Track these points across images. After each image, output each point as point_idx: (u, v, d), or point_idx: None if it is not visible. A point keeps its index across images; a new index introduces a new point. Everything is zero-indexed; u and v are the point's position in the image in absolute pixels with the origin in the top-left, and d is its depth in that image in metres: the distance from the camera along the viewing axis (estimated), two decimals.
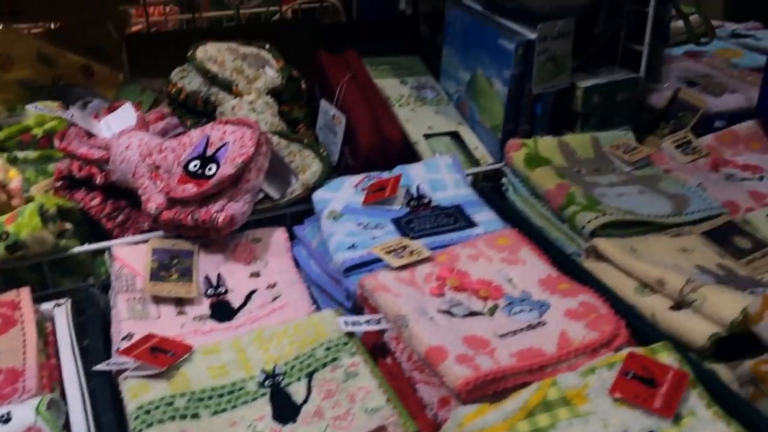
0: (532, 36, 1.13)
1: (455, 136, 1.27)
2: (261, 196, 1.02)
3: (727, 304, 0.74)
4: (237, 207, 0.94)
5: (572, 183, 1.00)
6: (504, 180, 1.12)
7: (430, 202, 1.00)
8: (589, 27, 1.24)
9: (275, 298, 0.90)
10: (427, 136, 1.25)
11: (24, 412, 0.67)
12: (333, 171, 1.09)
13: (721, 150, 1.16)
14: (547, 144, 1.10)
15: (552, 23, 1.13)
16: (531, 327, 0.75)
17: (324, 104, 1.18)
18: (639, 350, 0.68)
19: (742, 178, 1.09)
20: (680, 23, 1.87)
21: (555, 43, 1.14)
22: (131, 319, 0.85)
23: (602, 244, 0.89)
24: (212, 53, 1.11)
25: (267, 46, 1.18)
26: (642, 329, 0.78)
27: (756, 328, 0.71)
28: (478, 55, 1.24)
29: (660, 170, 1.09)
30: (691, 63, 1.54)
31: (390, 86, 1.32)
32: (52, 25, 1.42)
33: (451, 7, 1.32)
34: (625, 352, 0.68)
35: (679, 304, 0.79)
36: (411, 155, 1.20)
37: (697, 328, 0.75)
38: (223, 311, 0.89)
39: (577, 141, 1.12)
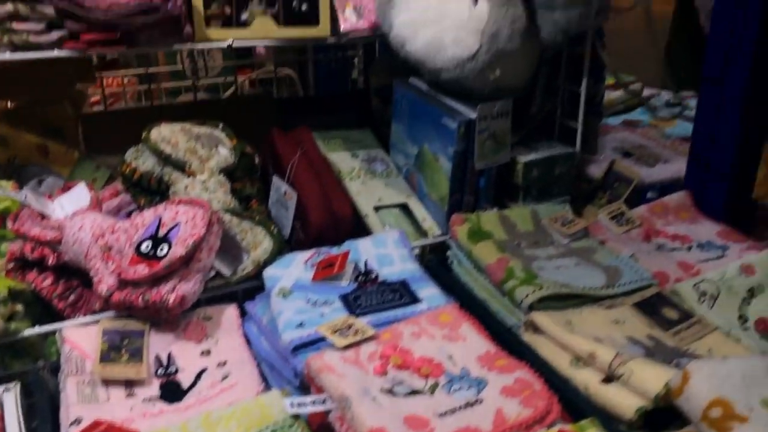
0: (473, 116, 1.20)
1: (404, 207, 1.32)
2: (212, 274, 1.05)
3: (652, 378, 0.79)
4: (188, 287, 0.96)
5: (512, 257, 1.06)
6: (449, 253, 1.17)
7: (377, 277, 1.04)
8: (527, 105, 1.32)
9: (225, 377, 0.92)
10: (377, 209, 1.29)
11: None
12: (284, 247, 1.12)
13: (653, 220, 1.23)
14: (488, 218, 1.16)
15: (491, 104, 1.20)
16: (469, 405, 0.78)
17: (276, 181, 1.22)
18: (568, 427, 0.72)
19: (671, 249, 1.16)
20: (619, 93, 1.99)
21: (495, 122, 1.21)
22: (80, 402, 0.86)
23: (539, 318, 0.93)
24: (166, 134, 1.15)
25: (220, 126, 1.23)
26: (576, 402, 0.82)
27: (677, 401, 0.75)
28: (423, 132, 1.30)
29: (596, 242, 1.15)
30: (627, 133, 1.63)
31: (341, 160, 1.37)
32: (8, 105, 1.44)
33: (399, 85, 1.39)
34: (555, 429, 0.72)
35: (609, 378, 0.84)
36: (361, 228, 1.25)
37: (625, 402, 0.79)
38: (172, 392, 0.90)
39: (517, 214, 1.18)
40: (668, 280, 1.07)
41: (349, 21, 1.27)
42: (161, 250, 0.98)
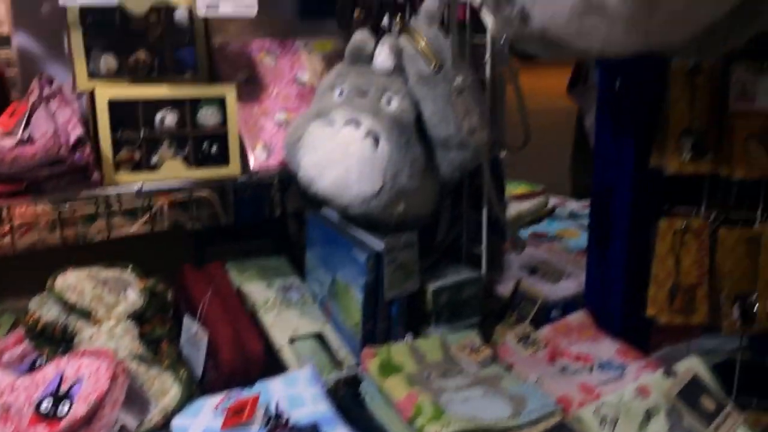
0: (381, 248, 1.25)
1: (320, 337, 1.33)
2: (117, 428, 1.02)
3: None
4: None
5: (421, 391, 1.08)
6: (362, 386, 1.18)
7: (287, 422, 1.03)
8: (434, 233, 1.38)
9: None
10: (292, 340, 1.30)
11: None
12: (194, 392, 1.11)
13: (558, 341, 1.29)
14: (399, 350, 1.18)
15: (397, 236, 1.25)
16: None
17: (187, 320, 1.22)
18: None
19: (574, 371, 1.20)
20: (527, 204, 2.10)
21: (402, 253, 1.26)
22: None
23: None
24: (71, 282, 1.14)
25: (130, 267, 1.23)
26: None
27: None
28: (335, 261, 1.34)
29: (503, 368, 1.19)
30: (534, 249, 1.71)
31: (256, 291, 1.39)
32: None
33: (311, 215, 1.43)
34: None
35: None
36: (276, 362, 1.25)
37: None
38: None
39: (427, 345, 1.21)
40: (572, 405, 1.10)
41: (259, 159, 1.32)
42: (62, 408, 0.96)
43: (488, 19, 1.12)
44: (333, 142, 1.22)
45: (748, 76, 1.13)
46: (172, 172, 1.25)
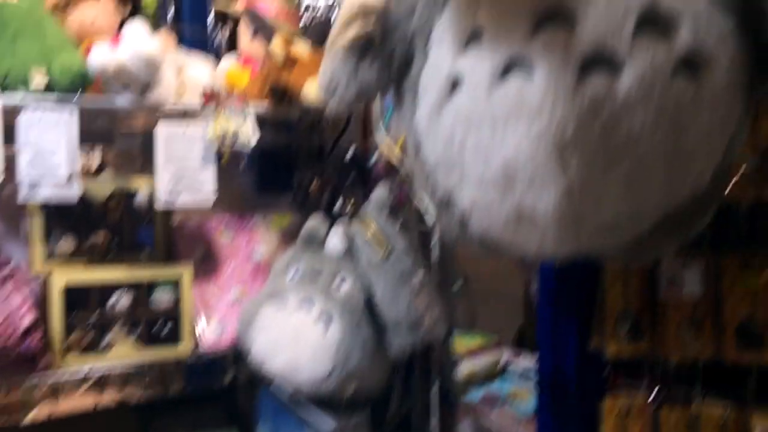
0: (331, 430, 1.24)
1: None
2: None
3: None
4: None
5: None
6: None
7: None
8: (385, 408, 1.38)
9: None
10: None
11: None
12: None
13: None
14: None
15: (347, 418, 1.26)
16: None
17: None
18: None
19: None
20: (481, 361, 2.11)
21: None
22: None
23: None
24: None
25: None
26: None
27: None
28: None
29: None
30: (485, 414, 1.71)
31: None
32: None
33: (263, 391, 1.43)
34: None
35: None
36: None
37: None
38: None
39: None
40: None
41: (212, 336, 1.33)
42: None
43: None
44: (285, 324, 1.24)
45: (676, 266, 1.22)
46: (123, 352, 1.25)
